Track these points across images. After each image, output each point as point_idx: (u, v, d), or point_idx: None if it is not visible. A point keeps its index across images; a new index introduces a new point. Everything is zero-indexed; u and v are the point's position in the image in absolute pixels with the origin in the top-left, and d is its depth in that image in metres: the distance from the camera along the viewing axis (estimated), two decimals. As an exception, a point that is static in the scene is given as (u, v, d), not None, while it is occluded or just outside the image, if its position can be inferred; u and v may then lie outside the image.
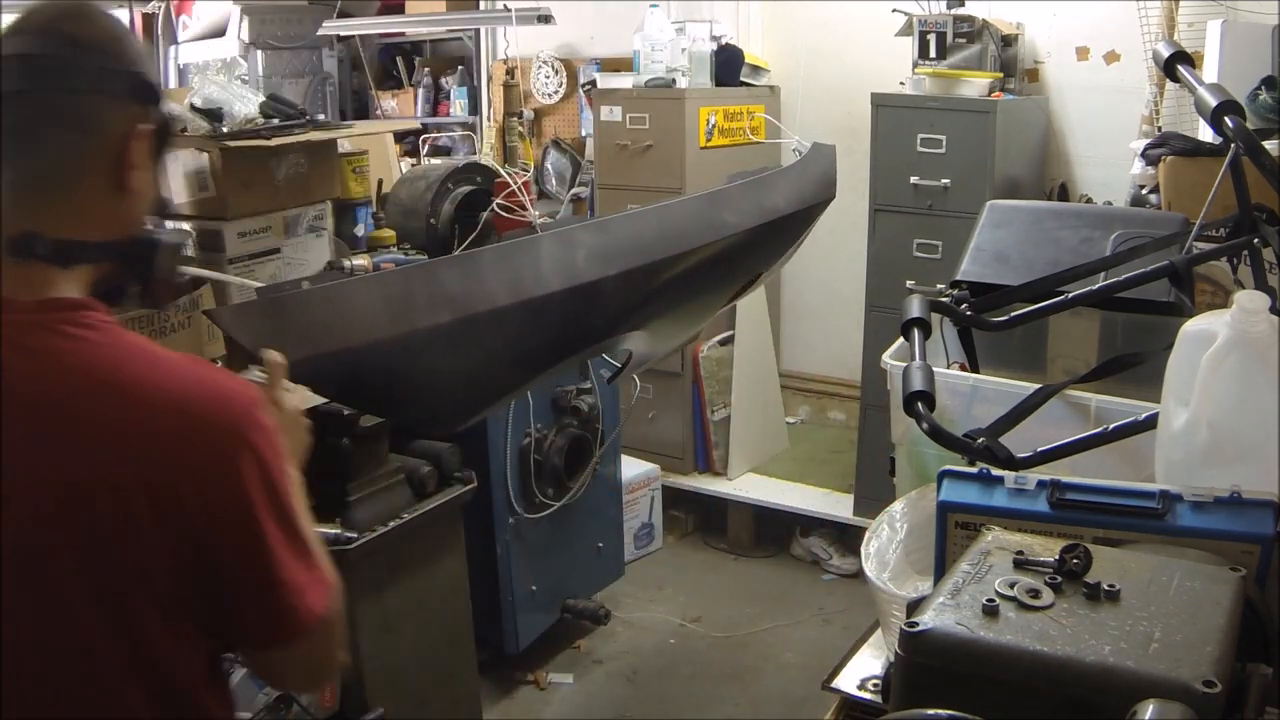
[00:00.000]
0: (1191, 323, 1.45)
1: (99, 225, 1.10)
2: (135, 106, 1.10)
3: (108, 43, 1.09)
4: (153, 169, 1.13)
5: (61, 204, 1.07)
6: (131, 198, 1.11)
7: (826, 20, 4.33)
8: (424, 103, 5.40)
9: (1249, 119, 2.23)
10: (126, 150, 1.09)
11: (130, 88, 1.09)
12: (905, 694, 1.02)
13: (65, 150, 1.07)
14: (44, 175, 1.07)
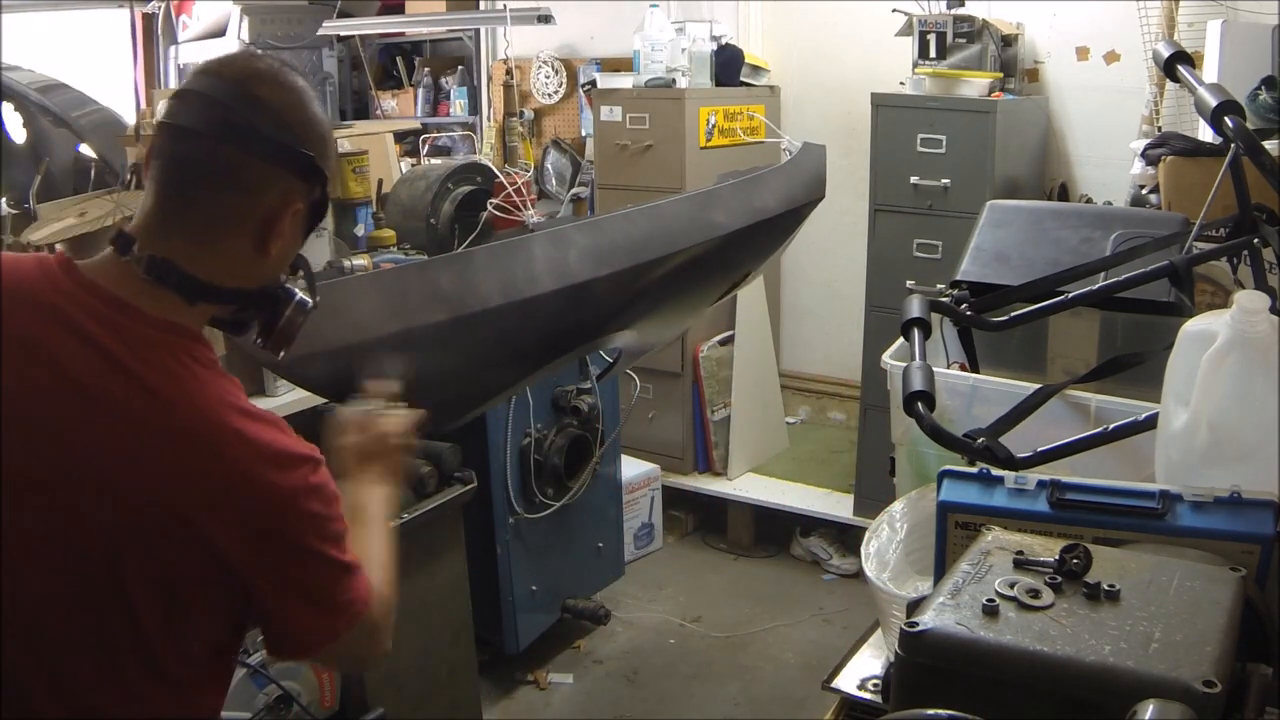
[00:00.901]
0: (1191, 323, 1.45)
1: (234, 275, 1.16)
2: (298, 183, 1.15)
3: (290, 118, 1.14)
4: (299, 241, 1.20)
5: (204, 246, 1.13)
6: (270, 260, 1.17)
7: (826, 20, 4.33)
8: (424, 103, 5.40)
9: (1249, 119, 2.23)
10: (278, 221, 1.15)
11: (299, 168, 1.15)
12: (905, 694, 1.02)
13: (220, 201, 1.13)
14: (195, 215, 1.13)
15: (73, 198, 2.72)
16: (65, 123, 3.16)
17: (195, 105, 1.12)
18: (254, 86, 1.13)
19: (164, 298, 1.12)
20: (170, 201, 1.12)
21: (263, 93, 1.13)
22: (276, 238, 1.15)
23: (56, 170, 2.98)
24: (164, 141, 1.13)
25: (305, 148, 1.15)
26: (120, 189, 2.79)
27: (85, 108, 3.29)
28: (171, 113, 1.14)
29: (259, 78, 1.14)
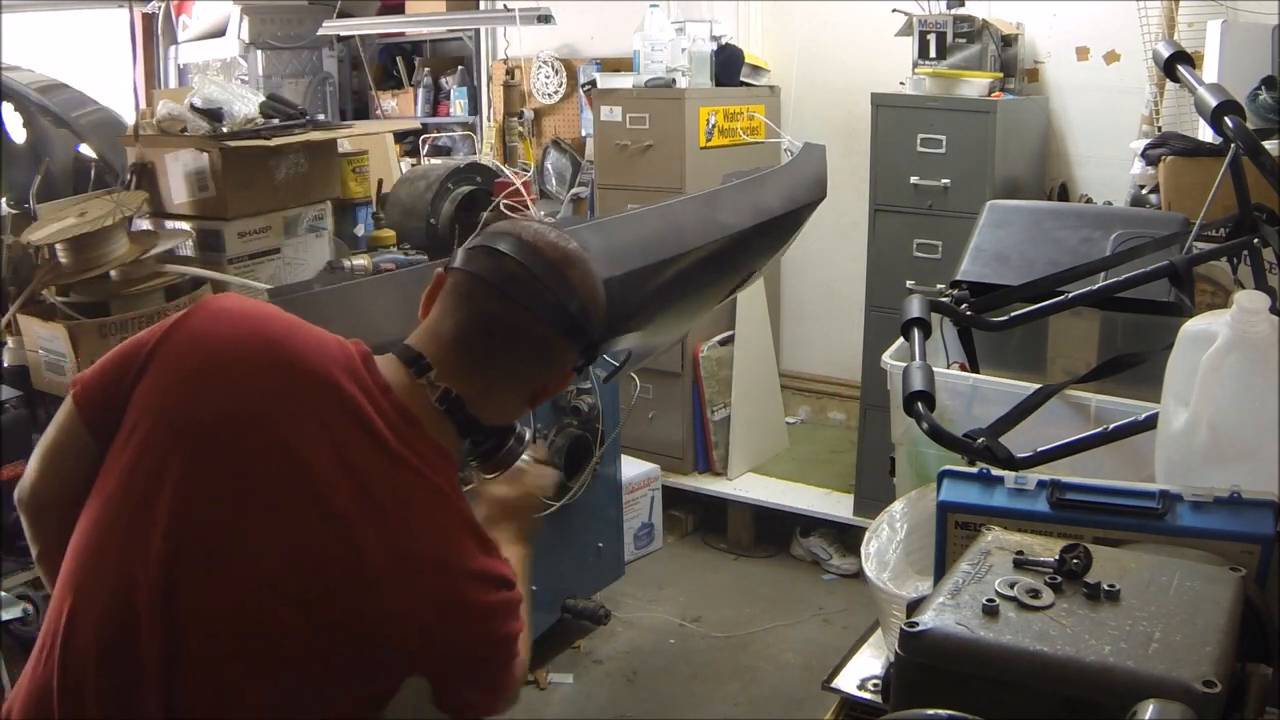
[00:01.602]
0: (1191, 323, 1.45)
1: (498, 417, 1.29)
2: (578, 359, 1.30)
3: (590, 305, 1.28)
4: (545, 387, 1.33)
5: (490, 393, 1.26)
6: (527, 410, 1.33)
7: (826, 20, 4.33)
8: (424, 103, 5.40)
9: (1249, 119, 2.23)
10: (558, 385, 1.33)
11: (583, 347, 1.29)
12: (905, 694, 1.02)
13: (520, 364, 1.27)
14: (493, 369, 1.26)
15: (73, 198, 2.72)
16: (65, 123, 3.16)
17: (512, 273, 1.23)
18: (567, 271, 1.26)
19: (444, 426, 1.24)
20: (474, 350, 1.24)
21: (574, 278, 1.27)
22: (546, 396, 1.32)
23: (56, 170, 2.98)
24: (476, 292, 1.25)
25: (592, 327, 1.29)
26: (120, 189, 2.80)
27: (85, 108, 3.29)
28: (486, 269, 1.25)
29: (570, 262, 1.28)
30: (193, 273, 2.59)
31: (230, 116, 2.76)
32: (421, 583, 1.16)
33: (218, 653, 1.14)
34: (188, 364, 1.20)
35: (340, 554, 1.15)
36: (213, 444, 1.17)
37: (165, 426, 1.18)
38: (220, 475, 1.16)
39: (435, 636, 1.17)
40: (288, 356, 1.20)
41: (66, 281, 2.42)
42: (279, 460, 1.16)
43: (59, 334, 2.26)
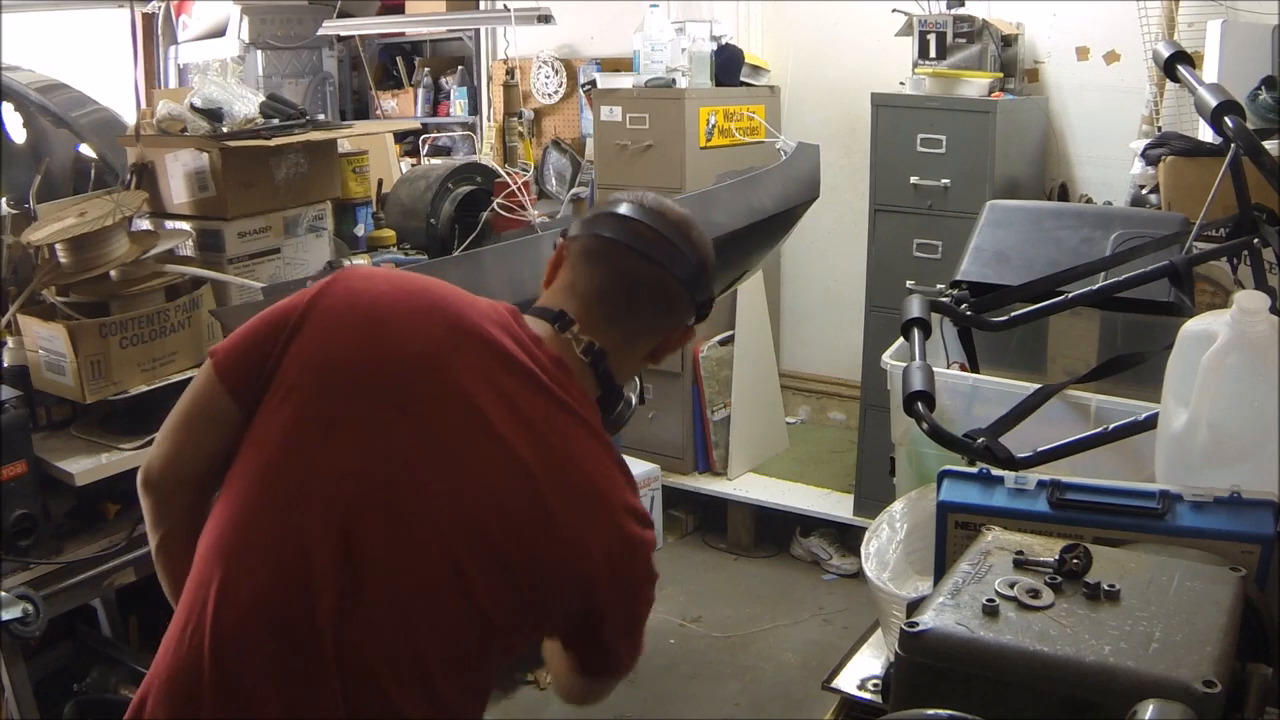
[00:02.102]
0: (1191, 323, 1.45)
1: (624, 374, 1.36)
2: (694, 314, 1.38)
3: (709, 263, 1.38)
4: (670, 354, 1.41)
5: (626, 346, 1.34)
6: (645, 366, 1.39)
7: (826, 20, 4.33)
8: (424, 103, 5.40)
9: (1249, 119, 2.23)
10: (675, 339, 1.38)
11: (702, 303, 1.37)
12: (905, 694, 1.02)
13: (655, 317, 1.35)
14: (633, 322, 1.33)
15: (73, 198, 2.72)
16: (65, 123, 3.15)
17: (642, 233, 1.32)
18: (688, 230, 1.37)
19: (587, 377, 1.30)
20: (618, 305, 1.31)
21: (694, 237, 1.37)
22: (664, 355, 1.39)
23: (56, 170, 2.98)
24: (612, 253, 1.32)
25: (711, 289, 1.38)
26: (120, 189, 2.79)
27: (85, 108, 3.28)
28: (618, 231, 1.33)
29: (689, 224, 1.38)
30: (193, 272, 2.59)
31: (230, 116, 2.76)
32: (595, 519, 1.23)
33: (401, 604, 1.15)
34: (350, 319, 1.21)
35: (523, 498, 1.19)
36: (390, 392, 1.18)
37: (335, 378, 1.18)
38: (402, 423, 1.17)
39: (611, 572, 1.24)
40: (446, 308, 1.24)
41: (66, 281, 2.41)
42: (459, 408, 1.19)
43: (59, 334, 2.26)
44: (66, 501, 2.27)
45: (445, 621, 1.17)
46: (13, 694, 2.07)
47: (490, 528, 1.18)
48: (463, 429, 1.18)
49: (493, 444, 1.19)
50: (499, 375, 1.21)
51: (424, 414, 1.18)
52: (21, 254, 2.53)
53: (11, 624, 1.97)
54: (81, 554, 2.20)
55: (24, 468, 2.12)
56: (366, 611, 1.14)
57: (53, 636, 2.56)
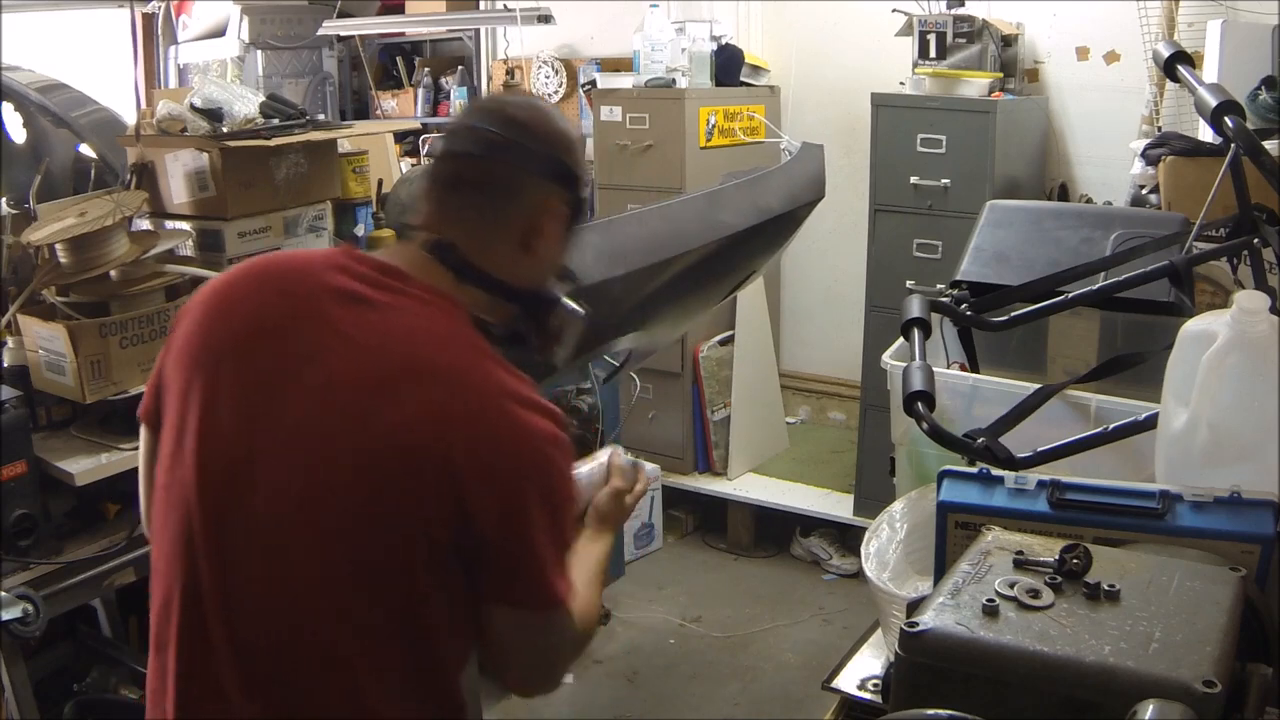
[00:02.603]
0: (1191, 323, 1.45)
1: (502, 269, 1.30)
2: (554, 186, 1.31)
3: (539, 131, 1.31)
4: (561, 242, 1.35)
5: (476, 239, 1.29)
6: (535, 259, 1.32)
7: (826, 20, 4.33)
8: (424, 103, 5.40)
9: (1249, 119, 2.23)
10: (538, 220, 1.31)
11: (552, 172, 1.31)
12: (905, 694, 1.02)
13: (492, 206, 1.30)
14: (471, 215, 1.30)
15: (73, 198, 2.71)
16: (65, 123, 3.15)
17: (466, 136, 1.32)
18: (510, 111, 1.33)
19: (436, 272, 1.27)
20: (449, 207, 1.30)
21: (516, 114, 1.32)
22: (538, 236, 1.30)
23: (56, 170, 2.98)
24: (442, 167, 1.33)
25: (556, 155, 1.31)
26: (120, 189, 2.79)
27: (85, 108, 3.28)
28: (447, 143, 1.34)
29: (512, 105, 1.35)
30: (193, 272, 2.58)
31: (230, 116, 2.76)
32: (428, 395, 1.18)
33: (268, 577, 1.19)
34: (197, 312, 1.28)
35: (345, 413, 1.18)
36: (225, 362, 1.23)
37: (186, 365, 1.26)
38: (235, 387, 1.22)
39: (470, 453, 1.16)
40: (279, 272, 1.29)
41: (66, 281, 2.41)
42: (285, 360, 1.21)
43: (59, 334, 2.26)
44: (66, 501, 2.26)
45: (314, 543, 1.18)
46: (13, 694, 2.07)
47: (320, 461, 1.17)
48: (286, 380, 1.21)
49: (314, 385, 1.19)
50: (326, 312, 1.22)
51: (256, 377, 1.22)
52: (21, 254, 2.53)
53: (11, 624, 1.97)
54: (81, 554, 2.20)
55: (24, 468, 2.12)
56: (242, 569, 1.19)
57: (53, 636, 2.56)
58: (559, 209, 1.32)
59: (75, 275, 2.40)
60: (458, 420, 1.17)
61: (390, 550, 1.17)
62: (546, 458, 1.21)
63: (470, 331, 1.25)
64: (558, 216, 1.32)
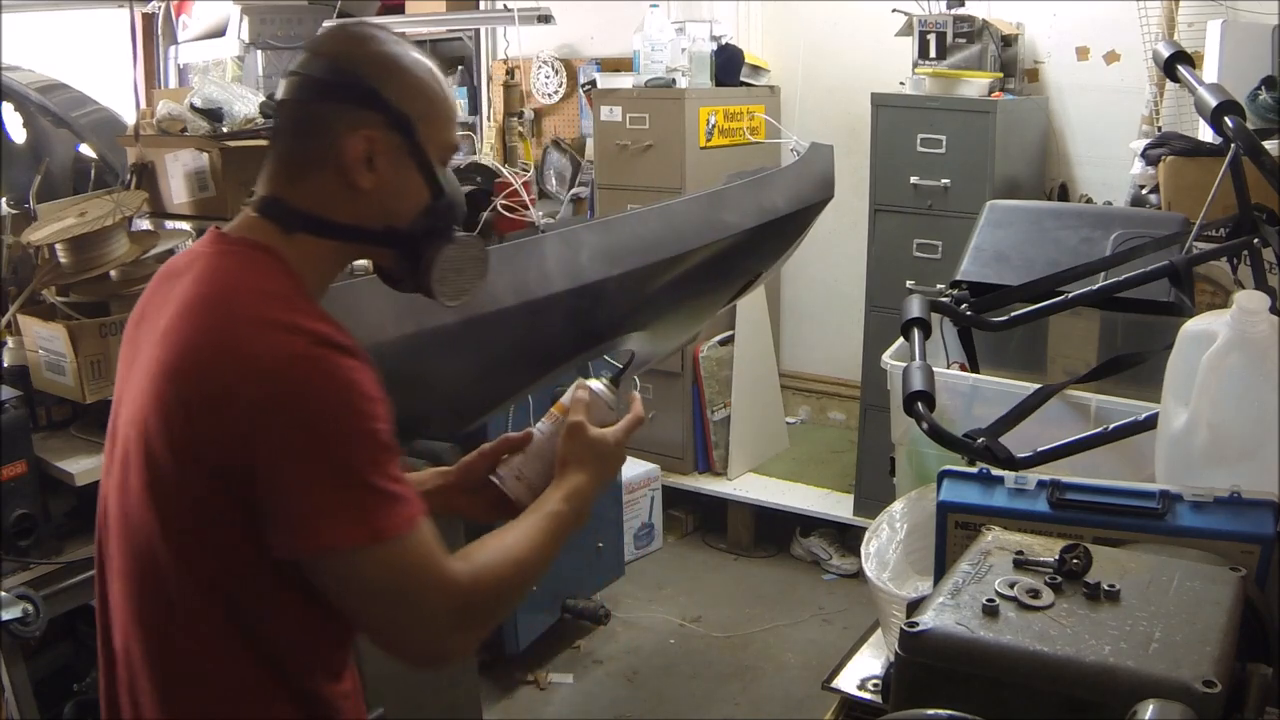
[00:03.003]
0: (1191, 323, 1.45)
1: (340, 210, 1.22)
2: (363, 114, 1.21)
3: (344, 61, 1.24)
4: (402, 171, 1.23)
5: (297, 184, 1.23)
6: (368, 194, 1.22)
7: (826, 20, 4.33)
8: (424, 103, 5.40)
9: (1249, 119, 2.23)
10: (347, 152, 1.20)
11: (354, 99, 1.21)
12: (905, 694, 1.02)
13: (299, 146, 1.23)
14: (286, 162, 1.23)
15: (73, 198, 2.72)
16: (65, 123, 3.16)
17: (282, 85, 1.28)
18: (317, 46, 1.27)
19: (262, 228, 1.22)
20: (273, 161, 1.24)
21: (321, 47, 1.26)
22: (359, 170, 1.20)
23: (56, 170, 2.98)
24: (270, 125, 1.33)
25: (357, 79, 1.22)
26: (120, 189, 2.79)
27: (85, 108, 3.29)
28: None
29: (323, 40, 1.29)
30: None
31: (230, 116, 2.76)
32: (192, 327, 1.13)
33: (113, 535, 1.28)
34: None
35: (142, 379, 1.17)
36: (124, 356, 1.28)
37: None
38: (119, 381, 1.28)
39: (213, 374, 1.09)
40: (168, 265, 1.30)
41: (66, 281, 2.41)
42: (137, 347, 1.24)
43: (59, 334, 2.26)
44: (66, 501, 2.27)
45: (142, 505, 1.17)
46: (13, 694, 2.07)
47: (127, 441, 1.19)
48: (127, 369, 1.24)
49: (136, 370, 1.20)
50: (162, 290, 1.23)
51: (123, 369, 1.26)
52: (21, 254, 2.53)
53: (11, 624, 1.97)
54: (81, 554, 2.20)
55: (24, 468, 2.12)
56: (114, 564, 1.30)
57: (53, 636, 2.56)
58: (378, 136, 1.20)
59: (75, 275, 2.40)
60: (202, 352, 1.11)
61: (186, 511, 1.13)
62: (297, 378, 1.08)
63: (259, 275, 1.17)
64: (380, 144, 1.21)
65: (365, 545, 1.09)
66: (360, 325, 1.85)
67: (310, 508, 1.08)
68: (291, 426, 1.08)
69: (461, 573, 1.15)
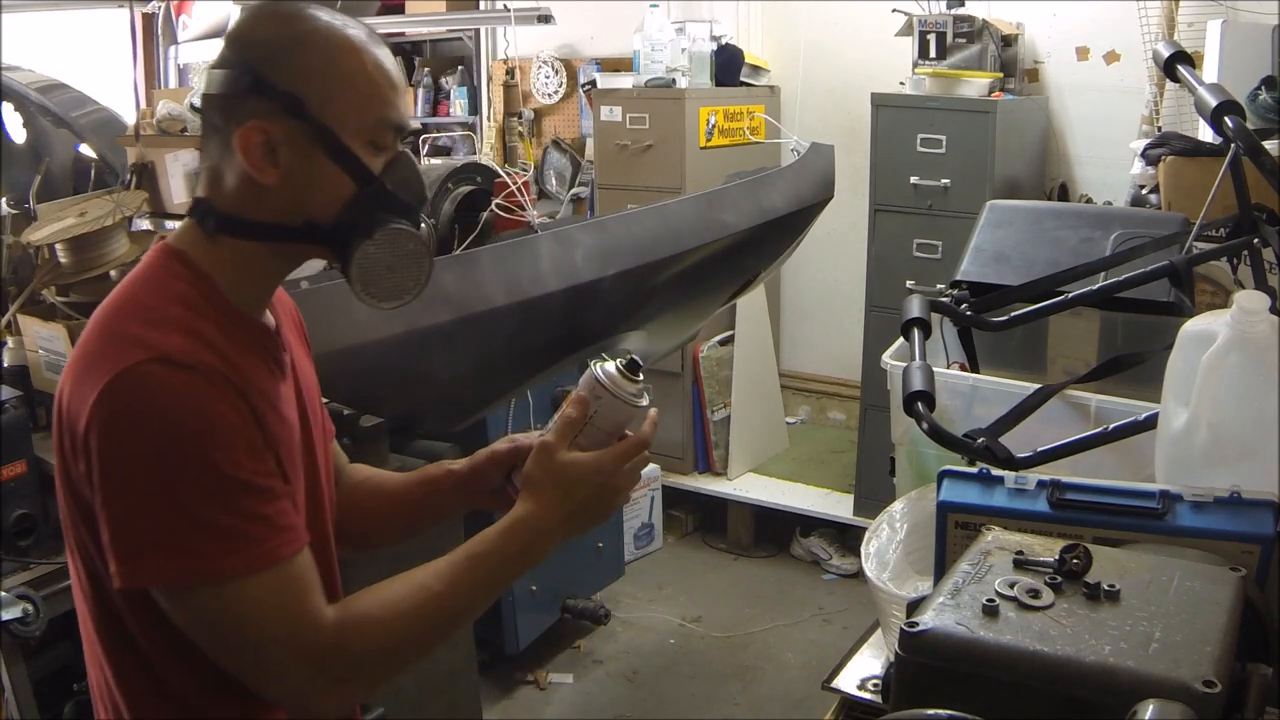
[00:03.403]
0: (1191, 323, 1.45)
1: (260, 210, 1.12)
2: (248, 102, 1.09)
3: (234, 40, 1.12)
4: (297, 160, 1.10)
5: (215, 186, 1.13)
6: (276, 189, 1.10)
7: (826, 20, 4.33)
8: (424, 103, 5.40)
9: (1249, 119, 2.23)
10: (240, 144, 1.09)
11: (243, 88, 1.09)
12: (905, 694, 1.02)
13: (212, 147, 1.13)
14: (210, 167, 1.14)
15: (73, 198, 2.72)
16: (65, 123, 3.16)
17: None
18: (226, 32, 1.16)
19: (189, 233, 1.14)
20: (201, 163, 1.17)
21: (227, 33, 1.14)
22: (254, 163, 1.09)
23: (56, 170, 2.98)
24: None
25: (250, 66, 1.09)
26: (120, 189, 2.79)
27: (85, 108, 3.29)
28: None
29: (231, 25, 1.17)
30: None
31: (230, 116, 2.76)
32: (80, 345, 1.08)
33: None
34: None
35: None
36: None
37: None
38: None
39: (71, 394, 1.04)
40: None
41: (66, 281, 2.41)
42: None
43: (59, 334, 2.26)
44: (66, 501, 2.26)
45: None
46: (13, 694, 2.07)
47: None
48: None
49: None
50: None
51: None
52: (21, 254, 2.53)
53: (11, 624, 1.97)
54: (81, 554, 2.20)
55: (24, 468, 2.12)
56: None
57: (53, 636, 2.56)
58: (272, 125, 1.08)
59: (75, 275, 2.40)
60: (68, 372, 1.06)
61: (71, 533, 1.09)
62: (125, 398, 0.99)
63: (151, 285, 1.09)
64: (278, 134, 1.09)
65: (201, 585, 1.00)
66: (355, 324, 1.86)
67: (136, 541, 0.99)
68: (118, 451, 0.99)
69: (327, 624, 1.05)
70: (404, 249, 1.14)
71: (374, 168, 1.13)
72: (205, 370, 1.02)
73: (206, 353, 1.04)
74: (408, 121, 1.17)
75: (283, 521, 1.05)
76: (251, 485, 1.03)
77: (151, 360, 1.00)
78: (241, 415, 1.04)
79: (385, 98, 1.13)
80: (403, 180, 1.15)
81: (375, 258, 1.13)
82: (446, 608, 1.12)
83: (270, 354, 1.16)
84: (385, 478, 1.43)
